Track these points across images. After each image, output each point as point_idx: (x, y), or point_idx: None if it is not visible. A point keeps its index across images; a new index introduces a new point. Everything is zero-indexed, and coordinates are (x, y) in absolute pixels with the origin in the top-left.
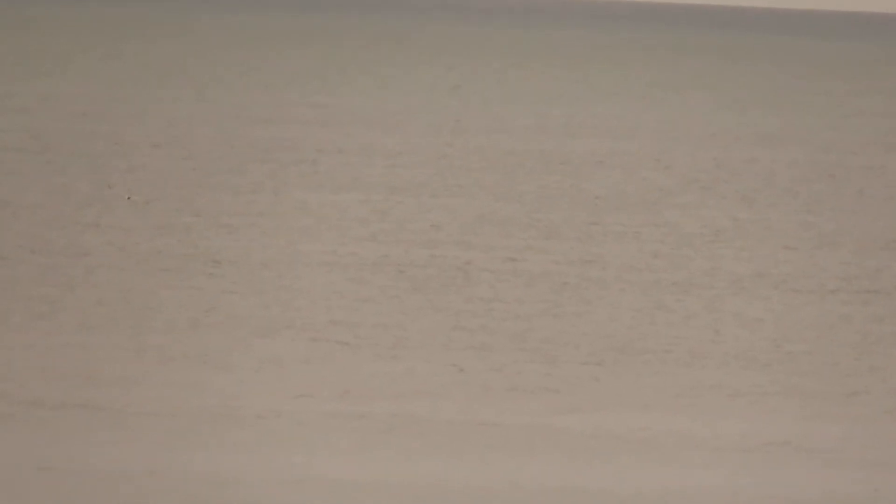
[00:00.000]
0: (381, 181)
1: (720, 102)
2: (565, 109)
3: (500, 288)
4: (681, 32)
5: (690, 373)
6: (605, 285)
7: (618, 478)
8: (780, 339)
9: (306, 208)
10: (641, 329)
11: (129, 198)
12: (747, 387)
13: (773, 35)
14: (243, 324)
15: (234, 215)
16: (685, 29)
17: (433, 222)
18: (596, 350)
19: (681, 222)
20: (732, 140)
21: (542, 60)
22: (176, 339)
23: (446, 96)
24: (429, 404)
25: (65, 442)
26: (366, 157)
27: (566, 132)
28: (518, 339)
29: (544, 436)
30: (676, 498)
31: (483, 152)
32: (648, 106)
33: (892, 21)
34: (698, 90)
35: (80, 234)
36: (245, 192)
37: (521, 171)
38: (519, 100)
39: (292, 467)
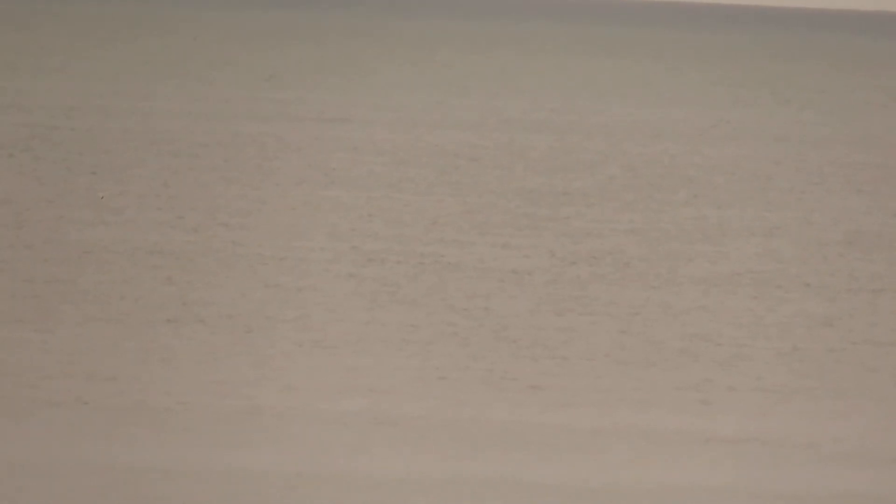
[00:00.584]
0: (380, 178)
1: (716, 99)
2: (560, 106)
3: (496, 284)
4: (676, 29)
5: (690, 369)
6: (603, 282)
7: (617, 473)
8: (781, 336)
9: (303, 205)
10: (639, 326)
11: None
12: (747, 383)
13: (768, 31)
14: (240, 320)
15: (230, 212)
16: (681, 26)
17: (430, 219)
18: (593, 347)
19: (678, 219)
20: (729, 138)
21: (534, 57)
22: (173, 335)
23: (442, 93)
24: (425, 400)
25: (63, 439)
26: (363, 155)
27: (561, 129)
28: (516, 336)
29: (543, 432)
30: (676, 493)
31: (479, 150)
32: (644, 103)
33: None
34: (694, 87)
35: (79, 231)
36: (241, 189)
37: (517, 168)
38: (514, 96)
39: (287, 463)
